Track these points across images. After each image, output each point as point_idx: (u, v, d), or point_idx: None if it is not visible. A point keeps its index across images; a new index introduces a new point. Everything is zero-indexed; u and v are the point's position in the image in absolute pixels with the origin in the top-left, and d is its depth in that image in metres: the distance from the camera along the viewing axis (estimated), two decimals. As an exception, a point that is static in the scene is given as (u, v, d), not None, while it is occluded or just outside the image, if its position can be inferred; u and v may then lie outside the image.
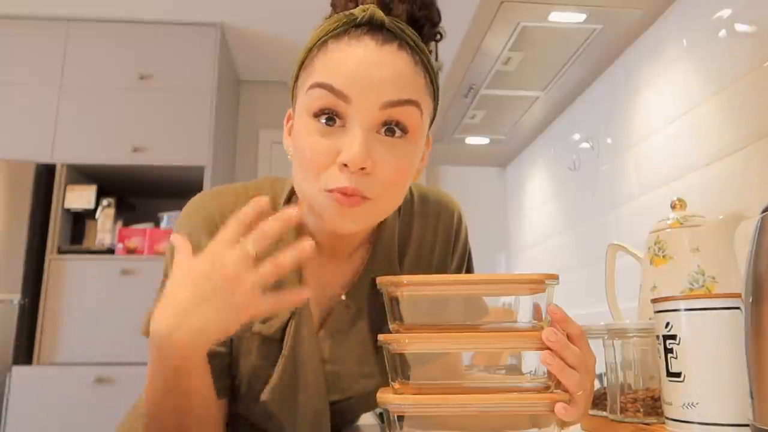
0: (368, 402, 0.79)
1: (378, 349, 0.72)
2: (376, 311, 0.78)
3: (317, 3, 0.98)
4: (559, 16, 1.18)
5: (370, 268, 0.78)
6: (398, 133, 0.67)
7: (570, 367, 0.58)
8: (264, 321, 0.75)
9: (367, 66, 0.65)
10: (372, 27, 0.67)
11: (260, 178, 0.83)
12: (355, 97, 0.65)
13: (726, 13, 1.01)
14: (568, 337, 0.59)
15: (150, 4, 2.92)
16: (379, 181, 0.66)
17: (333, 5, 0.73)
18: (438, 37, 0.75)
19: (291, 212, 0.58)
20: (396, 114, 0.66)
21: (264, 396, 0.74)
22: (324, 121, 0.66)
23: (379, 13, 0.67)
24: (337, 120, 0.66)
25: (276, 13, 3.01)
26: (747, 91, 0.96)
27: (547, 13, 1.17)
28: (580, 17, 1.18)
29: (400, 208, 0.83)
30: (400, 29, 0.68)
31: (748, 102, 0.96)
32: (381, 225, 0.79)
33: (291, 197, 0.81)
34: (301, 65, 0.71)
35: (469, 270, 0.89)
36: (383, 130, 0.66)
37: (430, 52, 0.73)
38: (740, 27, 0.98)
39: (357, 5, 0.70)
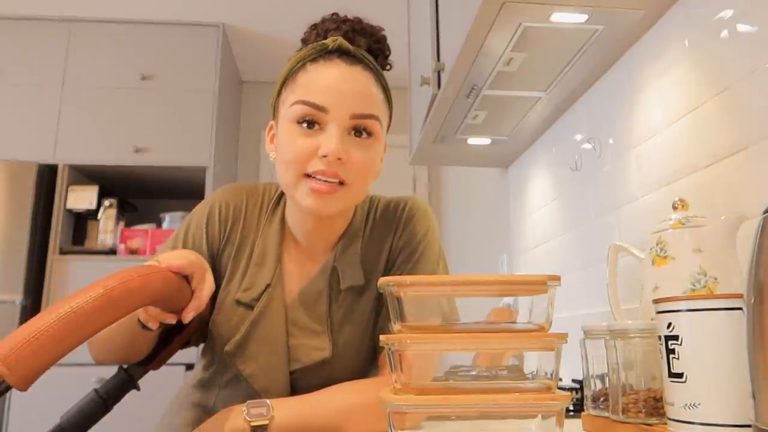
0: (322, 373, 0.91)
1: (330, 326, 0.91)
2: (333, 293, 0.93)
3: (318, 4, 1.00)
4: (561, 17, 1.18)
5: (334, 258, 0.94)
6: (365, 135, 0.85)
7: None
8: (245, 290, 0.90)
9: (340, 81, 0.83)
10: (341, 53, 0.85)
11: (258, 183, 1.00)
12: (331, 107, 0.82)
13: (728, 13, 1.01)
14: None
15: (152, 5, 2.93)
16: (352, 169, 0.83)
17: (304, 41, 0.91)
18: (388, 67, 0.93)
19: None
20: (362, 123, 0.84)
21: (228, 347, 0.88)
22: (305, 125, 0.83)
23: (346, 43, 0.86)
24: (316, 125, 0.83)
25: (278, 14, 3.01)
26: (749, 92, 0.96)
27: (549, 13, 1.17)
28: (582, 18, 1.18)
29: (367, 216, 0.97)
30: (363, 56, 0.87)
31: (750, 102, 0.96)
32: (348, 228, 0.95)
33: (280, 199, 0.96)
34: (283, 84, 0.87)
35: (422, 255, 0.95)
36: (353, 132, 0.84)
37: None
38: (742, 27, 0.98)
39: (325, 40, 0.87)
